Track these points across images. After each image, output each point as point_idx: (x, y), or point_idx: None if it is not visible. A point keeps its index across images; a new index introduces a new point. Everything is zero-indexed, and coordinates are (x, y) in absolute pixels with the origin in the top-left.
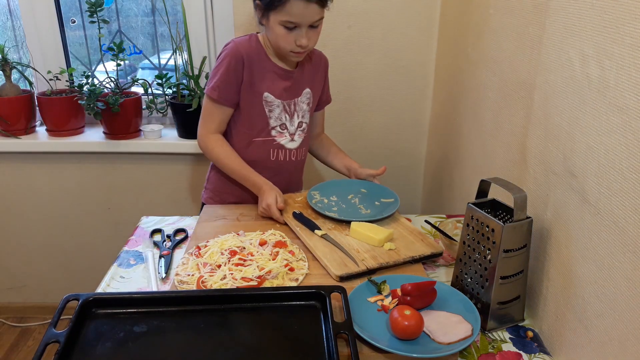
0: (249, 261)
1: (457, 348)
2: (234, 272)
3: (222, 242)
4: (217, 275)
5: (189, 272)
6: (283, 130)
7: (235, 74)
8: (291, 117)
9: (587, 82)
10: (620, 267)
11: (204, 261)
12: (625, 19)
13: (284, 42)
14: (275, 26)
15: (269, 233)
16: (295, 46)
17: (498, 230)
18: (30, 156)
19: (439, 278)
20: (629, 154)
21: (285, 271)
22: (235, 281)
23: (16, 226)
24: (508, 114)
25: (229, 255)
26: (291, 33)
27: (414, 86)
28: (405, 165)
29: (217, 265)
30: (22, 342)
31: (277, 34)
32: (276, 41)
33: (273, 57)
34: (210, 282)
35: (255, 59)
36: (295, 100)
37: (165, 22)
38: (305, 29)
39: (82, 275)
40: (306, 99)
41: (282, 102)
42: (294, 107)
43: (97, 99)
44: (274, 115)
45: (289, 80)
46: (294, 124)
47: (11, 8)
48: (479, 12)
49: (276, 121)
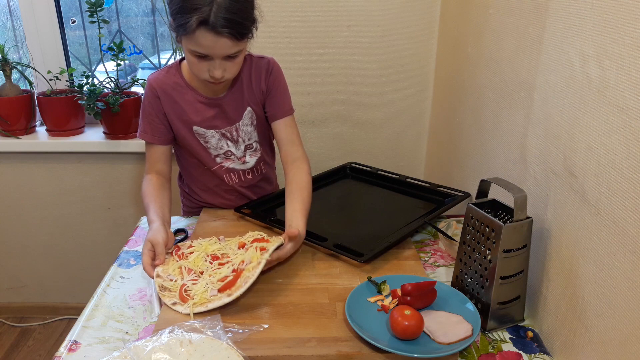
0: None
1: (457, 348)
2: (213, 276)
3: (206, 245)
4: (200, 283)
5: (170, 276)
6: (230, 156)
7: (154, 111)
8: (235, 142)
9: (587, 82)
10: (620, 267)
11: (188, 266)
12: (626, 19)
13: (197, 70)
14: (187, 53)
15: (247, 236)
16: (209, 76)
17: (498, 230)
18: (30, 156)
19: (439, 278)
20: (629, 154)
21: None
22: (213, 285)
23: (16, 226)
24: (508, 114)
25: (211, 261)
26: (203, 62)
27: (414, 86)
28: (405, 165)
29: (200, 272)
30: (22, 342)
31: (190, 62)
32: (191, 69)
33: (197, 85)
34: (193, 291)
35: (173, 92)
36: (237, 125)
37: (165, 22)
38: (219, 61)
39: (82, 275)
40: (249, 120)
41: (218, 131)
42: (236, 132)
43: (97, 99)
44: (211, 145)
45: (219, 107)
46: (240, 148)
47: (11, 8)
48: (479, 12)
49: (217, 150)
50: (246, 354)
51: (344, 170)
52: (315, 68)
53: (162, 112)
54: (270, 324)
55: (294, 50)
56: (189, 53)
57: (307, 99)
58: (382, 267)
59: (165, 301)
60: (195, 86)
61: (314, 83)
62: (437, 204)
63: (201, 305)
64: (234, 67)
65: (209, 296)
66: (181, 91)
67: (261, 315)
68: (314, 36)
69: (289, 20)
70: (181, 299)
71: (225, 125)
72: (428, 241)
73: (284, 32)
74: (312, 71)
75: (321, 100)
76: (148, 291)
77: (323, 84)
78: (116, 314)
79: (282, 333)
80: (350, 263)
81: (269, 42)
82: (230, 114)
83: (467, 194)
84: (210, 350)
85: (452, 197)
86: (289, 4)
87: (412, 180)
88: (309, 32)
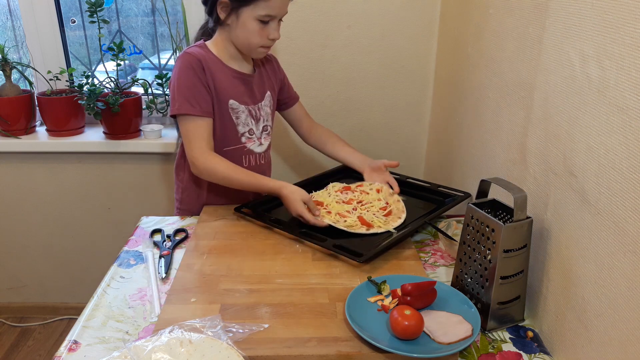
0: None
1: (457, 348)
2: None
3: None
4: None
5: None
6: (251, 136)
7: (201, 82)
8: (257, 121)
9: (587, 82)
10: (620, 267)
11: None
12: (626, 19)
13: (258, 37)
14: (249, 22)
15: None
16: (267, 40)
17: (498, 230)
18: (30, 156)
19: (439, 278)
20: (629, 154)
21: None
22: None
23: (16, 226)
24: (508, 114)
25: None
26: (265, 27)
27: (414, 86)
28: (405, 165)
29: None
30: (22, 342)
31: (250, 30)
32: (247, 38)
33: (229, 62)
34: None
35: (213, 65)
36: (260, 105)
37: (165, 22)
38: (276, 24)
39: (82, 275)
40: (268, 102)
41: (247, 107)
42: (258, 111)
43: (97, 99)
44: (241, 122)
45: (249, 84)
46: (259, 128)
47: (11, 8)
48: (479, 12)
49: (244, 127)
50: (246, 354)
51: (345, 170)
52: (315, 68)
53: (207, 83)
54: (270, 324)
55: (294, 50)
56: (253, 21)
57: (307, 99)
58: (382, 267)
59: (361, 231)
60: (229, 64)
61: (314, 83)
62: (437, 204)
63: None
64: (279, 32)
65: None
66: (218, 65)
67: (261, 315)
68: (314, 36)
69: (289, 20)
70: (367, 225)
71: (252, 102)
72: (428, 241)
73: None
74: (312, 71)
75: (321, 100)
76: (148, 291)
77: (323, 84)
78: (116, 313)
79: (282, 333)
80: (350, 263)
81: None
82: (256, 92)
83: (467, 194)
84: (210, 350)
85: (452, 198)
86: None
87: (413, 180)
88: (309, 32)
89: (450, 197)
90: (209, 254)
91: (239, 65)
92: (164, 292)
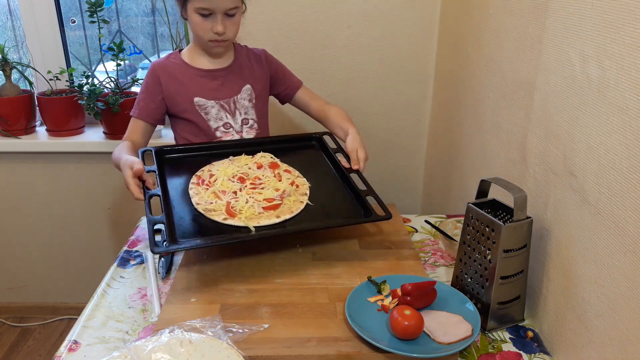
0: (261, 185)
1: (457, 348)
2: (253, 195)
3: (224, 169)
4: (241, 199)
5: (209, 201)
6: (228, 129)
7: (151, 91)
8: (232, 115)
9: (587, 82)
10: (620, 267)
11: (220, 189)
12: (626, 19)
13: (202, 30)
14: (192, 15)
15: (259, 156)
16: (213, 34)
17: (498, 230)
18: (30, 156)
19: (439, 278)
20: (629, 154)
21: (293, 189)
22: (259, 202)
23: (16, 226)
24: (508, 114)
25: (240, 182)
26: (207, 20)
27: (414, 86)
28: (405, 165)
29: (234, 192)
30: (22, 342)
31: (195, 23)
32: (196, 31)
33: (197, 61)
34: (238, 206)
35: (175, 70)
36: (235, 98)
37: (165, 22)
38: (220, 16)
39: (82, 275)
40: (247, 95)
41: (217, 102)
42: (233, 104)
43: (97, 99)
44: (211, 117)
45: (218, 79)
46: (237, 122)
47: (11, 8)
48: (479, 12)
49: (216, 122)
50: (246, 354)
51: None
52: (315, 68)
53: (159, 94)
54: (270, 324)
55: (294, 50)
56: (194, 14)
57: None
58: (382, 267)
59: (217, 219)
60: (195, 65)
61: (314, 83)
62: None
63: (252, 219)
64: (233, 27)
65: (256, 212)
66: (182, 69)
67: (261, 315)
68: (314, 36)
69: (289, 20)
70: (229, 214)
71: (224, 97)
72: (428, 241)
73: (284, 32)
74: (312, 71)
75: None
76: (148, 291)
77: (323, 84)
78: (116, 313)
79: (282, 333)
80: (351, 264)
81: (269, 42)
82: (229, 86)
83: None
84: (210, 350)
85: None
86: (289, 4)
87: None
88: (309, 32)
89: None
90: (209, 254)
91: (210, 62)
92: (164, 292)
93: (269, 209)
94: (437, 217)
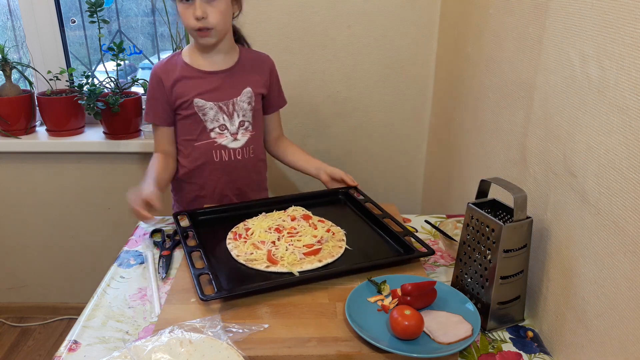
0: (298, 233)
1: (457, 348)
2: (292, 242)
3: (259, 223)
4: (281, 247)
5: (249, 252)
6: (223, 131)
7: (157, 94)
8: (230, 117)
9: (587, 82)
10: (620, 267)
11: (258, 239)
12: (626, 19)
13: (185, 19)
14: (177, 5)
15: (291, 209)
16: (196, 22)
17: (498, 230)
18: (30, 156)
19: (439, 278)
20: (629, 154)
21: (330, 235)
22: (299, 249)
23: (16, 226)
24: (508, 114)
25: (277, 233)
26: (188, 8)
27: (414, 86)
28: (405, 165)
29: (272, 242)
30: (22, 342)
31: (180, 14)
32: (183, 23)
33: (197, 62)
34: (279, 254)
35: (176, 71)
36: (234, 100)
37: (165, 22)
38: (199, 2)
39: (82, 275)
40: (246, 98)
41: (216, 103)
42: (232, 106)
43: (97, 99)
44: (209, 118)
45: (218, 81)
46: (234, 124)
47: (11, 8)
48: (479, 12)
49: (213, 123)
50: (246, 354)
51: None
52: (315, 68)
53: (164, 96)
54: (270, 324)
55: (294, 50)
56: (178, 3)
57: (307, 99)
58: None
59: (259, 267)
60: (196, 66)
61: (314, 83)
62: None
63: (295, 265)
64: (215, 13)
65: (297, 259)
66: (183, 70)
67: (261, 315)
68: (314, 36)
69: (289, 20)
70: (271, 261)
71: (223, 98)
72: (428, 241)
73: (284, 32)
74: (312, 71)
75: (321, 100)
76: (148, 291)
77: (323, 84)
78: (116, 313)
79: (282, 333)
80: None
81: (269, 42)
82: (228, 88)
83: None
84: (210, 350)
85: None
86: (289, 4)
87: (389, 220)
88: (309, 32)
89: (409, 252)
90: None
91: (210, 63)
92: (164, 292)
93: (310, 254)
94: (437, 217)
